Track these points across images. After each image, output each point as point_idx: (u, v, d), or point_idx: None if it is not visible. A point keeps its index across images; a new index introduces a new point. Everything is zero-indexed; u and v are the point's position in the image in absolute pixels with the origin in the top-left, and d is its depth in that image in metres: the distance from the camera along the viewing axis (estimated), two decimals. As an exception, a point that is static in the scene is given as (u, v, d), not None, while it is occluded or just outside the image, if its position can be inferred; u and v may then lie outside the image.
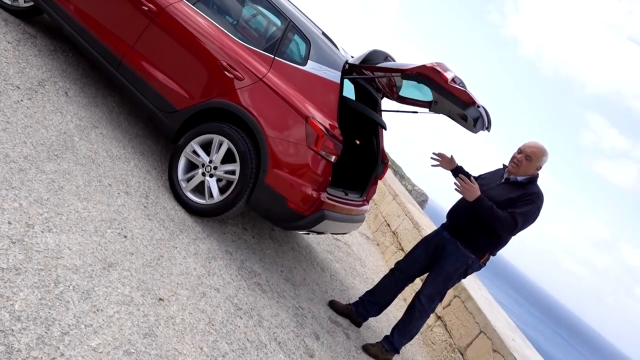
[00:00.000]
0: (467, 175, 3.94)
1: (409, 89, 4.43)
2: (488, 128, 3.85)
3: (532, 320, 71.55)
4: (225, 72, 3.76)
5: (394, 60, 4.06)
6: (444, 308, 5.02)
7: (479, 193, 3.61)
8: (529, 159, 3.68)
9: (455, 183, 3.69)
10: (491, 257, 3.84)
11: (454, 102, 3.54)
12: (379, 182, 9.13)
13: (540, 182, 3.74)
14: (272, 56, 3.85)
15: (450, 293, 5.00)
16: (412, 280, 4.10)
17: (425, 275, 4.05)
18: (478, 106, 3.49)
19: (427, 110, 4.41)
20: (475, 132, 3.92)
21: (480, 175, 4.06)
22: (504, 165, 3.94)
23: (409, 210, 7.40)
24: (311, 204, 3.66)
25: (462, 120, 4.02)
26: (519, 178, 3.72)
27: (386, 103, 4.93)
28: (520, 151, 3.72)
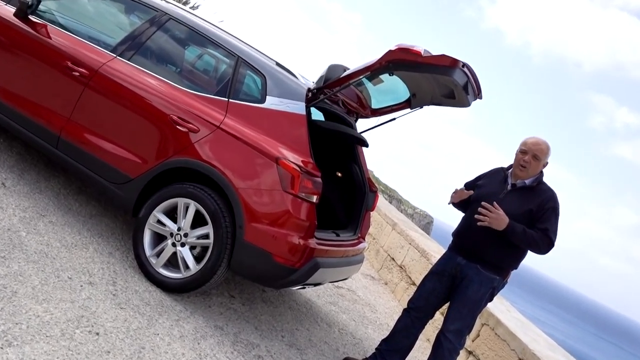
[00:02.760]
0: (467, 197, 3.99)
1: (379, 97, 4.56)
2: (479, 94, 3.95)
3: (589, 338, 70.77)
4: (178, 127, 3.82)
5: None
6: (473, 340, 5.01)
7: (507, 219, 3.67)
8: (537, 158, 3.78)
9: (476, 217, 3.73)
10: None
11: (437, 71, 3.61)
12: (373, 213, 9.19)
13: (552, 179, 3.85)
14: (226, 99, 3.93)
15: (476, 323, 5.01)
16: (431, 316, 4.11)
17: (446, 307, 4.06)
18: (463, 65, 3.58)
19: (408, 110, 4.53)
20: (469, 103, 4.02)
21: (478, 178, 4.13)
22: (503, 168, 4.02)
23: (413, 238, 7.44)
24: (301, 254, 3.69)
25: (449, 99, 4.13)
26: (527, 182, 3.81)
27: (361, 125, 5.02)
28: (524, 151, 3.81)
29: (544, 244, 3.69)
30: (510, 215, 3.71)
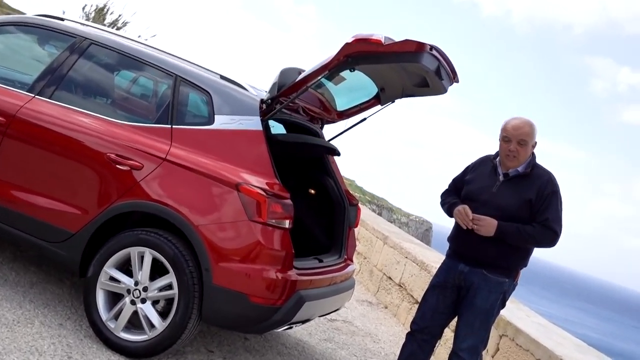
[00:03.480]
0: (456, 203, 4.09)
1: (344, 97, 4.66)
2: (455, 77, 4.07)
3: (629, 332, 71.32)
4: (118, 166, 3.83)
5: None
6: (492, 356, 5.07)
7: (495, 223, 3.78)
8: (523, 143, 3.87)
9: (472, 227, 3.85)
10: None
11: (403, 59, 3.71)
12: (359, 229, 9.26)
13: (559, 159, 3.96)
14: (169, 126, 3.96)
15: (493, 335, 5.06)
16: (440, 337, 4.16)
17: (455, 323, 4.11)
18: (431, 48, 3.67)
19: (379, 107, 4.67)
20: (445, 89, 4.15)
21: (465, 172, 4.22)
22: (490, 156, 4.10)
23: (408, 250, 7.50)
24: (281, 289, 3.72)
25: (423, 88, 4.28)
26: (520, 169, 3.91)
27: (329, 132, 5.08)
28: (507, 139, 3.90)
29: (546, 237, 3.79)
30: (507, 209, 3.80)
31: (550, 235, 3.80)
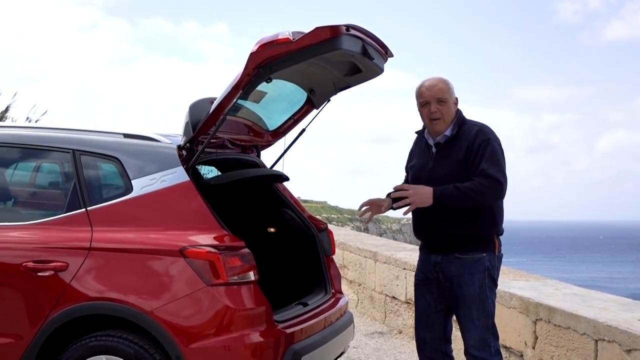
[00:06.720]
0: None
1: (271, 113, 4.81)
2: (387, 51, 4.26)
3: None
4: (40, 274, 3.87)
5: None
6: (533, 348, 5.17)
7: (429, 189, 3.94)
8: (443, 101, 4.09)
9: (395, 205, 4.07)
10: (500, 237, 4.17)
11: (320, 50, 3.80)
12: (341, 253, 9.35)
13: (550, 104, 4.13)
14: (84, 209, 4.01)
15: (526, 323, 5.18)
16: (448, 340, 4.28)
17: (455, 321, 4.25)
18: (347, 28, 3.79)
19: (315, 111, 4.87)
20: (381, 68, 4.33)
21: (411, 155, 4.46)
22: (418, 132, 4.37)
23: (404, 260, 7.58)
24: (270, 351, 3.79)
25: (357, 75, 4.47)
26: (447, 132, 4.13)
27: (268, 157, 5.17)
28: (425, 103, 4.12)
29: (489, 187, 3.91)
30: (442, 180, 3.98)
31: (491, 183, 3.91)
